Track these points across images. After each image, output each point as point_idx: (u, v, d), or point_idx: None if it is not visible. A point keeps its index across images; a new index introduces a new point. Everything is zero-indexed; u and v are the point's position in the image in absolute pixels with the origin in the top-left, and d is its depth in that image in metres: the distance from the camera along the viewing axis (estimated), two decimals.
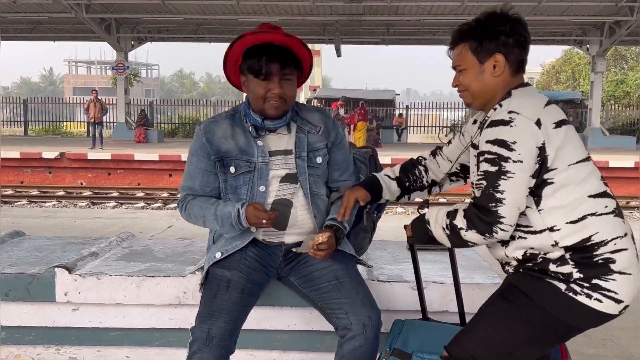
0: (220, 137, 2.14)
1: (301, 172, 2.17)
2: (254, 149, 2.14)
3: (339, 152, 2.26)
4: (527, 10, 17.54)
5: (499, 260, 1.87)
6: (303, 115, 2.22)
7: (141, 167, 15.70)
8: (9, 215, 7.20)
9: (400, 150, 18.09)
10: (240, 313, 2.00)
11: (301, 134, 2.19)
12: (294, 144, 2.17)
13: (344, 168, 2.28)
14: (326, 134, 2.22)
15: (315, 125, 2.21)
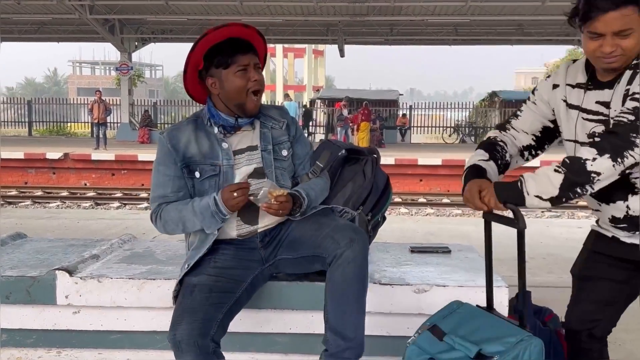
0: (184, 143, 2.16)
1: (267, 165, 2.20)
2: (218, 152, 2.16)
3: (300, 146, 2.32)
4: (531, 9, 17.52)
5: (607, 223, 1.89)
6: (265, 112, 2.27)
7: (145, 167, 15.69)
8: (13, 216, 7.21)
9: (404, 151, 18.08)
10: (208, 311, 1.95)
11: (265, 129, 2.23)
12: (259, 139, 2.21)
13: (304, 161, 2.34)
14: (287, 129, 2.28)
15: (278, 120, 2.27)
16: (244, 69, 2.11)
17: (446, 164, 15.51)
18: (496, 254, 5.29)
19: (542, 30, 20.64)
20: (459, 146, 22.84)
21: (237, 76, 2.11)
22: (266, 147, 2.20)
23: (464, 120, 27.54)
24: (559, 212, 12.47)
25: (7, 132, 27.70)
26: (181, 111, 27.73)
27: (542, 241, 6.00)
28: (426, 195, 14.19)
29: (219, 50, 2.12)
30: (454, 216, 11.74)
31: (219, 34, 2.12)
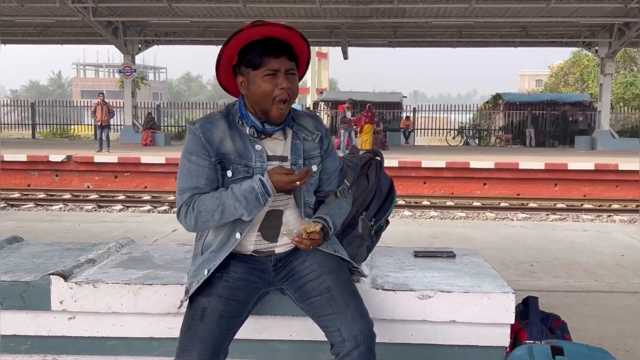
0: (219, 138, 2.01)
1: None
2: (251, 152, 2.03)
3: (330, 160, 2.18)
4: (536, 12, 17.45)
5: None
6: (299, 121, 2.12)
7: (148, 170, 15.69)
8: (14, 218, 7.17)
9: (408, 153, 18.01)
10: (218, 340, 1.91)
11: (297, 140, 2.09)
12: (290, 151, 2.07)
13: (332, 177, 2.20)
14: (320, 141, 2.14)
15: (312, 132, 2.12)
16: (272, 74, 1.96)
17: (450, 167, 15.44)
18: (501, 257, 5.24)
19: (546, 32, 20.57)
20: (463, 148, 22.76)
21: (264, 80, 1.97)
22: (296, 161, 2.07)
23: (467, 123, 27.46)
24: (564, 214, 12.40)
25: (11, 134, 27.76)
26: (184, 114, 27.74)
27: (548, 245, 5.93)
28: (430, 197, 14.12)
29: (252, 49, 1.98)
30: (458, 219, 11.67)
31: (255, 31, 1.98)
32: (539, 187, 15.28)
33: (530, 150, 20.73)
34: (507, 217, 11.99)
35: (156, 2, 16.82)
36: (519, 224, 7.30)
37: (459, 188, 15.31)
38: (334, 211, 2.12)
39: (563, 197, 14.52)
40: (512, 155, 17.63)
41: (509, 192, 15.12)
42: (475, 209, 12.85)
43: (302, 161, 2.07)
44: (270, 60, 1.96)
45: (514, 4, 16.42)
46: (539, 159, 16.42)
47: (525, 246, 5.84)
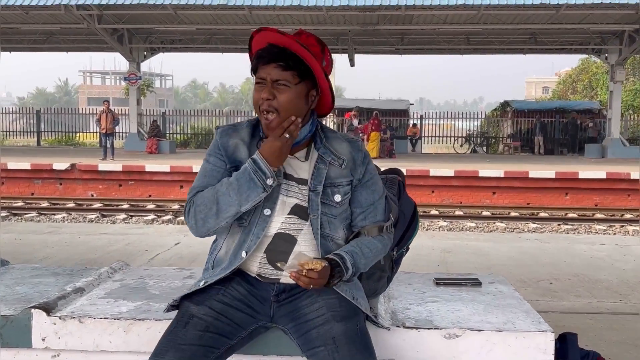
0: (234, 144, 1.89)
1: (313, 208, 1.84)
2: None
3: (365, 192, 1.91)
4: (545, 18, 17.23)
5: None
6: (329, 144, 1.90)
7: (152, 178, 15.51)
8: (13, 230, 6.96)
9: (415, 161, 17.76)
10: (196, 352, 1.67)
11: (321, 164, 1.87)
12: (311, 175, 1.86)
13: (367, 212, 1.92)
14: (352, 168, 1.89)
15: (340, 156, 1.89)
16: (261, 83, 1.83)
17: (459, 175, 15.19)
18: (518, 274, 4.98)
19: (555, 39, 20.34)
20: (471, 156, 22.49)
21: (255, 89, 1.85)
22: (315, 187, 1.85)
23: (475, 130, 27.19)
24: (576, 224, 12.11)
25: (17, 142, 27.68)
26: (190, 121, 27.60)
27: (566, 260, 5.66)
28: (438, 207, 13.87)
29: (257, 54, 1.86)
30: (468, 229, 11.40)
31: (260, 38, 1.86)
32: (550, 196, 15.00)
33: (539, 159, 20.44)
34: (517, 228, 11.73)
35: (161, 10, 16.68)
36: (534, 237, 7.04)
37: (468, 197, 15.05)
38: (360, 249, 1.86)
39: (574, 206, 14.24)
40: (521, 164, 17.35)
41: (519, 202, 14.85)
42: (485, 219, 12.60)
43: (321, 187, 1.85)
44: (260, 68, 1.84)
45: (523, 11, 16.20)
46: (549, 167, 16.14)
47: (543, 262, 5.58)
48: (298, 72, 1.81)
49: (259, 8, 16.14)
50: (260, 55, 1.82)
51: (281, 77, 1.80)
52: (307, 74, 1.83)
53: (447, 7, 15.56)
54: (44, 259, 5.43)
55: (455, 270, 5.04)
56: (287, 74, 1.80)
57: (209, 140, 26.14)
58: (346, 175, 1.88)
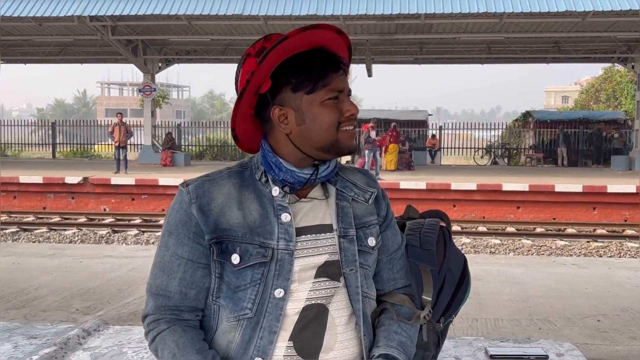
0: (220, 205, 1.32)
1: (348, 260, 1.35)
2: (273, 225, 1.32)
3: (390, 233, 1.48)
4: (569, 26, 16.68)
5: None
6: (345, 175, 1.45)
7: (165, 192, 15.15)
8: (13, 253, 6.59)
9: (435, 174, 17.24)
10: None
11: (344, 201, 1.40)
12: (335, 216, 1.37)
13: (394, 259, 1.47)
14: (376, 204, 1.45)
15: (364, 189, 1.44)
16: (336, 97, 1.33)
17: (481, 189, 14.64)
18: (560, 308, 4.43)
19: (579, 48, 19.73)
20: (492, 168, 21.88)
21: (326, 106, 1.32)
22: (346, 231, 1.37)
23: (496, 141, 26.53)
24: (606, 242, 11.51)
25: (32, 154, 27.58)
26: (206, 133, 27.31)
27: (610, 290, 5.14)
28: (460, 222, 13.34)
29: (302, 63, 1.32)
30: (493, 247, 10.87)
31: (305, 38, 1.32)
32: (576, 211, 14.40)
33: (563, 171, 19.79)
34: (545, 245, 11.19)
35: (175, 20, 16.40)
36: (569, 261, 6.51)
37: (491, 212, 14.50)
38: (407, 334, 1.41)
39: (603, 222, 13.63)
40: (546, 177, 16.74)
41: (544, 217, 14.27)
42: (510, 235, 12.06)
43: (354, 231, 1.37)
44: (333, 78, 1.33)
45: (547, 19, 15.65)
46: (575, 180, 15.53)
47: (584, 292, 5.06)
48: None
49: (275, 18, 15.77)
50: (332, 60, 1.33)
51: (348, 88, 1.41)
52: None
53: (468, 15, 15.06)
54: (40, 288, 5.03)
55: (491, 308, 4.54)
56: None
57: (224, 152, 25.83)
58: (373, 212, 1.44)
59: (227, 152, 25.84)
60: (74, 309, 4.41)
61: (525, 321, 4.21)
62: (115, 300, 4.66)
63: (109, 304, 4.56)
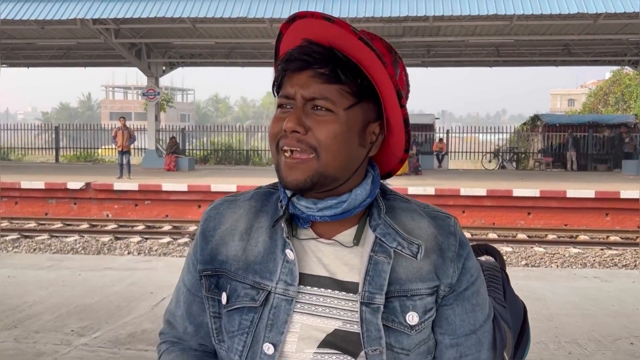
0: (223, 233, 1.09)
1: (371, 336, 1.01)
2: (277, 262, 1.04)
3: (461, 310, 1.08)
4: (580, 29, 16.40)
5: None
6: (394, 219, 1.07)
7: (169, 197, 14.92)
8: (9, 264, 6.31)
9: (443, 179, 16.95)
10: None
11: (382, 255, 1.03)
12: (364, 274, 1.02)
13: (462, 347, 1.09)
14: (438, 264, 1.06)
15: (409, 240, 1.04)
16: (285, 105, 1.03)
17: (491, 195, 14.34)
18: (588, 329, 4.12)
19: (589, 51, 19.43)
20: (501, 173, 21.57)
21: (275, 116, 1.05)
22: (372, 297, 1.02)
23: (504, 145, 26.20)
24: (620, 249, 11.19)
25: (35, 157, 27.40)
26: (210, 136, 27.07)
27: (638, 307, 4.84)
28: (470, 228, 13.04)
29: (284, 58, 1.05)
30: (506, 256, 10.57)
31: (294, 33, 1.05)
32: (589, 217, 14.09)
33: (573, 175, 19.47)
34: (558, 253, 10.89)
35: (180, 23, 16.17)
36: (590, 274, 6.20)
37: (501, 218, 14.19)
38: None
39: (616, 228, 13.31)
40: (556, 182, 16.43)
41: (555, 223, 13.96)
42: (521, 243, 11.76)
43: (382, 298, 1.01)
44: (287, 80, 1.03)
45: (558, 21, 15.36)
46: (586, 185, 15.21)
47: (612, 310, 4.76)
48: (354, 88, 1.00)
49: (280, 21, 15.50)
50: (290, 58, 1.02)
51: (322, 94, 0.99)
52: (368, 93, 1.03)
53: (477, 18, 14.78)
54: (34, 304, 4.76)
55: None
56: (332, 90, 0.99)
57: (229, 155, 25.58)
58: (427, 277, 1.05)
59: (231, 156, 25.59)
60: (69, 330, 4.13)
61: (552, 344, 3.91)
62: (113, 319, 4.38)
63: (106, 323, 4.28)
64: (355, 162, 1.04)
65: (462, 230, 1.11)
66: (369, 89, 1.02)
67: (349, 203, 1.04)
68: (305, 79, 1.00)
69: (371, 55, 0.97)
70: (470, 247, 1.11)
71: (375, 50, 0.97)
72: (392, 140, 1.09)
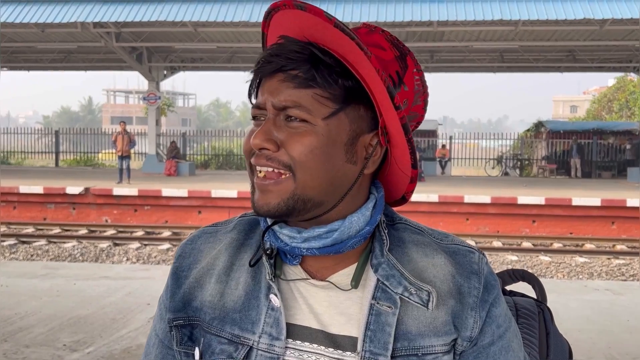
0: (200, 272, 0.91)
1: None
2: (260, 310, 0.86)
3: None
4: (585, 35, 16.24)
5: None
6: (401, 256, 0.88)
7: (169, 203, 14.74)
8: (3, 273, 6.12)
9: (446, 185, 16.77)
10: None
11: (386, 303, 0.84)
12: (364, 327, 0.83)
13: None
14: (456, 313, 0.86)
15: (420, 286, 0.85)
16: (258, 117, 0.86)
17: (495, 202, 14.14)
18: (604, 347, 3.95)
19: (595, 57, 19.26)
20: (504, 180, 21.37)
21: (250, 130, 0.87)
22: (374, 357, 0.82)
23: (507, 151, 26.00)
24: (627, 258, 10.99)
25: (35, 162, 27.24)
26: (211, 141, 26.91)
27: None
28: (474, 236, 12.84)
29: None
30: (510, 264, 10.37)
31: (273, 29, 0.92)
32: (594, 226, 13.90)
33: (578, 182, 19.27)
34: (563, 262, 10.70)
35: (181, 27, 16.01)
36: (602, 286, 6.01)
37: (505, 226, 13.99)
38: None
39: (622, 237, 13.11)
40: (561, 189, 16.25)
41: (561, 231, 13.76)
42: (526, 251, 11.57)
43: (387, 356, 0.82)
44: (260, 86, 0.86)
45: (563, 27, 15.19)
46: (592, 193, 15.02)
47: (627, 325, 4.57)
48: (335, 92, 0.81)
49: None
50: (260, 60, 0.86)
51: (295, 102, 0.81)
52: (357, 97, 0.83)
53: (481, 23, 14.61)
54: (26, 316, 4.58)
55: None
56: (307, 96, 0.81)
57: (230, 160, 25.41)
58: (443, 330, 0.85)
59: (232, 161, 25.42)
60: (61, 344, 3.95)
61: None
62: (108, 332, 4.19)
63: (100, 337, 4.10)
64: (344, 182, 0.83)
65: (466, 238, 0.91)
66: (358, 91, 0.82)
67: (341, 232, 0.83)
68: (275, 85, 0.82)
69: (353, 46, 0.78)
70: (500, 290, 0.90)
71: (354, 39, 0.77)
72: (396, 153, 0.88)
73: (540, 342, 1.07)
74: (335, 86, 0.81)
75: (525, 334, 1.04)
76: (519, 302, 1.11)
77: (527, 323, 1.07)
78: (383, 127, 0.85)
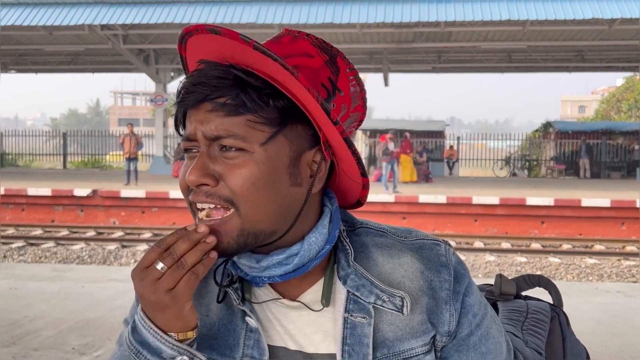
0: None
1: None
2: (238, 334, 0.85)
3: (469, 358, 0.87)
4: (594, 34, 16.15)
5: None
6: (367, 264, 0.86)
7: (176, 205, 14.72)
8: (11, 275, 6.14)
9: (454, 186, 16.69)
10: None
11: (360, 314, 0.83)
12: (341, 340, 0.83)
13: None
14: (431, 310, 0.85)
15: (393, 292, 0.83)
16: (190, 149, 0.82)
17: (504, 203, 14.06)
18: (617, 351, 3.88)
19: (603, 57, 19.15)
20: (513, 180, 21.28)
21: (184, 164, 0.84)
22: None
23: (516, 152, 25.89)
24: (637, 260, 10.91)
25: (43, 164, 27.35)
26: None
27: None
28: (482, 238, 12.78)
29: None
30: (519, 266, 10.31)
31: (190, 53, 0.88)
32: (604, 227, 13.80)
33: (587, 183, 19.16)
34: (573, 263, 10.63)
35: None
36: (614, 288, 5.95)
37: (514, 227, 13.92)
38: None
39: (632, 238, 13.00)
40: (570, 190, 16.15)
41: (570, 232, 13.66)
42: (535, 253, 11.50)
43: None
44: (187, 116, 0.82)
45: (572, 27, 15.10)
46: (602, 194, 14.91)
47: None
48: (270, 115, 0.78)
49: (290, 26, 15.29)
50: (182, 90, 0.82)
51: (227, 131, 0.77)
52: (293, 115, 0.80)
53: (489, 23, 14.55)
54: (35, 319, 4.57)
55: None
56: (239, 123, 0.77)
57: None
58: (421, 330, 0.84)
59: None
60: (70, 347, 3.93)
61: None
62: (117, 336, 4.16)
63: (108, 340, 4.08)
64: (293, 206, 0.81)
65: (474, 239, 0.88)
66: (293, 109, 0.79)
67: (301, 256, 0.81)
68: (203, 115, 0.78)
69: (277, 66, 0.74)
70: (471, 278, 0.88)
71: (277, 60, 0.74)
72: (343, 165, 0.85)
73: (556, 347, 1.04)
74: (267, 109, 0.77)
75: (532, 326, 1.03)
76: (531, 304, 1.09)
77: (535, 317, 1.06)
78: (325, 141, 0.82)
